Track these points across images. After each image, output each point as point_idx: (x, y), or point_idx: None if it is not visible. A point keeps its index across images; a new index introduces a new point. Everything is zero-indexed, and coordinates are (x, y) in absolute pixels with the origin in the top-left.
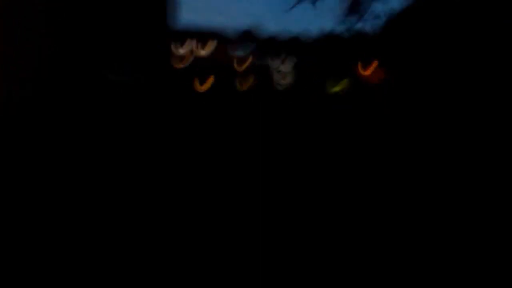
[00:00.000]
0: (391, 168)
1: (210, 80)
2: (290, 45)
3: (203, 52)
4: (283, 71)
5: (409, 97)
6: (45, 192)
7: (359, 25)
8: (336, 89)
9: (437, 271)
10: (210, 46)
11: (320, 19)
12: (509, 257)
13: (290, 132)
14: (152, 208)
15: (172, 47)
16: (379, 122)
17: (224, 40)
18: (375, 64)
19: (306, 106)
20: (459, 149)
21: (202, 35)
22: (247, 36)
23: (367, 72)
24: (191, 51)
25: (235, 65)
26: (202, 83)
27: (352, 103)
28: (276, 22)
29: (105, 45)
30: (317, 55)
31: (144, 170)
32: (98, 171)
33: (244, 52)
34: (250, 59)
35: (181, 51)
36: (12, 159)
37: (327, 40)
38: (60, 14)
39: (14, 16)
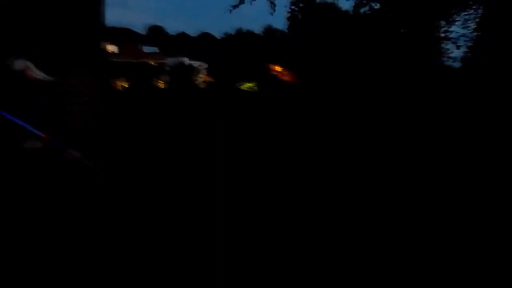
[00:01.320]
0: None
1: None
2: (202, 42)
3: (112, 48)
4: (199, 68)
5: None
6: None
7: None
8: (247, 86)
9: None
10: (120, 42)
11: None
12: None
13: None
14: None
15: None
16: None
17: (134, 36)
18: (282, 65)
19: (221, 100)
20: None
21: (112, 31)
22: (157, 32)
23: (278, 70)
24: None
25: (148, 60)
26: (116, 78)
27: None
28: (188, 19)
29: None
30: (230, 53)
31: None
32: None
33: (154, 48)
34: (161, 55)
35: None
36: None
37: (240, 38)
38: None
39: None
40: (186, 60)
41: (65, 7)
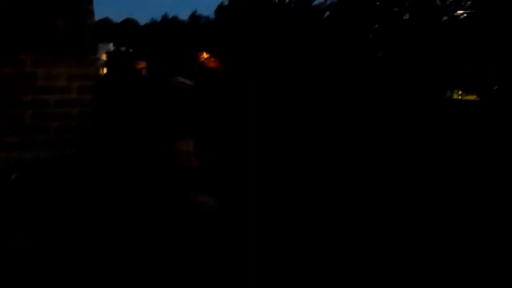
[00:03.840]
0: None
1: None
2: (125, 29)
3: None
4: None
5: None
6: None
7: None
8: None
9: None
10: None
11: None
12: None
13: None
14: None
15: None
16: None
17: None
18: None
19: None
20: None
21: None
22: None
23: (204, 57)
24: None
25: None
26: None
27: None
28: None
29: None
30: (155, 39)
31: None
32: None
33: None
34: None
35: None
36: None
37: (165, 24)
38: None
39: None
40: (111, 46)
41: None
